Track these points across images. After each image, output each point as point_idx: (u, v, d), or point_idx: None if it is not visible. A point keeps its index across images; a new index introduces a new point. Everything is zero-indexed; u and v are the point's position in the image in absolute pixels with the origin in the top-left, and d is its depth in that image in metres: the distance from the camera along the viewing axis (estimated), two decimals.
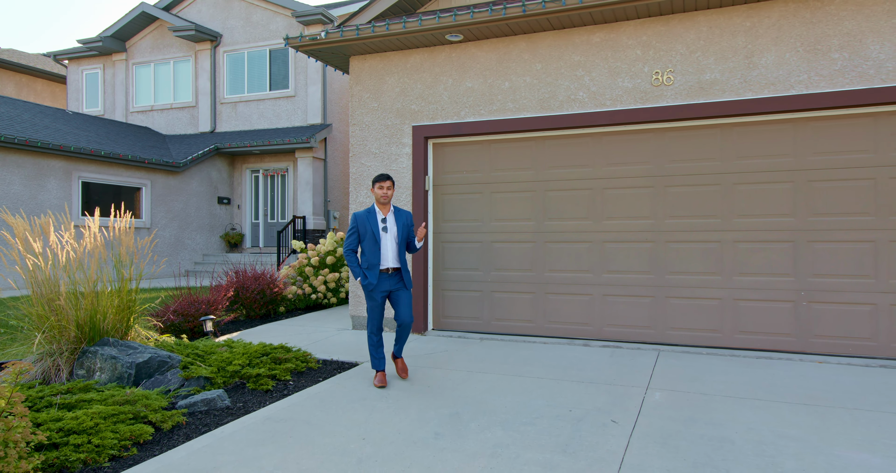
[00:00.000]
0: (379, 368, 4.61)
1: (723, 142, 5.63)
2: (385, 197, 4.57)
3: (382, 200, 4.58)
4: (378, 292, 4.55)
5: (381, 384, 4.52)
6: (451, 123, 6.52)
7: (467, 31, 6.18)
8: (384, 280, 4.57)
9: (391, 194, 4.60)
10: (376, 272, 4.51)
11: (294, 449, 3.40)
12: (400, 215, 4.67)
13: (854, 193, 5.20)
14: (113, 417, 3.60)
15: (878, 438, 3.46)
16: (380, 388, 4.49)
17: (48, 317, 4.51)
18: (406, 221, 4.68)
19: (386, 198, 4.58)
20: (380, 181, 4.61)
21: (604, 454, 3.29)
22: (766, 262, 5.47)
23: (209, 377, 4.59)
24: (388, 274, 4.58)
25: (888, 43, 4.98)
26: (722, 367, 5.08)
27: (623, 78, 5.84)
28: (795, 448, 3.33)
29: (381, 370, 4.61)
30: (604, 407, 4.07)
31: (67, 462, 3.15)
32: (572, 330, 6.16)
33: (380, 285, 4.54)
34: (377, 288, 4.53)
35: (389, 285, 4.58)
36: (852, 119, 5.20)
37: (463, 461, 3.21)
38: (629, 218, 5.95)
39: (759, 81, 5.37)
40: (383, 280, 4.56)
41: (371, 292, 4.56)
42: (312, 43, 6.56)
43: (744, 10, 5.41)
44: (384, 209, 4.63)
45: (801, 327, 5.36)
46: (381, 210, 4.62)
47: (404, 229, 4.64)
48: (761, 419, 3.80)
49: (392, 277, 4.59)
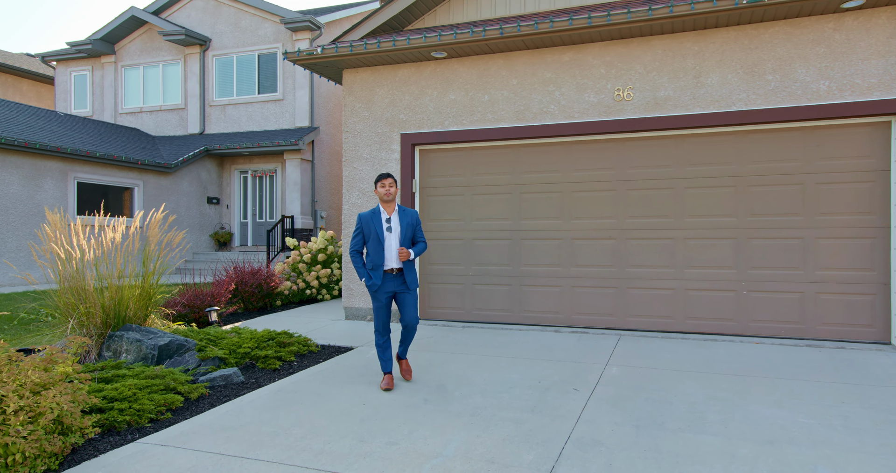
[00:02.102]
0: (386, 370, 4.55)
1: (675, 151, 6.39)
2: (388, 195, 4.48)
3: (385, 197, 4.49)
4: (382, 293, 4.49)
5: (387, 387, 4.46)
6: (436, 132, 7.18)
7: (451, 49, 6.85)
8: (389, 281, 4.49)
9: (394, 192, 4.50)
10: (380, 273, 4.46)
11: (305, 412, 4.04)
12: (405, 214, 4.57)
13: (786, 196, 6.00)
14: (147, 388, 4.19)
15: (789, 399, 4.21)
16: (385, 391, 4.43)
17: (77, 305, 5.06)
18: (411, 220, 4.57)
19: (389, 196, 4.49)
20: (381, 180, 4.52)
21: (565, 413, 3.98)
22: (712, 256, 6.24)
23: (223, 358, 5.19)
24: (393, 275, 4.50)
25: (813, 68, 5.78)
26: (672, 347, 5.83)
27: (589, 93, 6.57)
28: (721, 406, 4.07)
29: (388, 372, 4.55)
30: (568, 379, 4.78)
31: (115, 422, 3.73)
32: (544, 318, 6.87)
33: (384, 285, 4.47)
34: (381, 289, 4.47)
35: (394, 286, 4.50)
36: (784, 132, 6.00)
37: (448, 419, 3.87)
38: (594, 218, 6.68)
39: (705, 98, 6.13)
40: (388, 281, 4.49)
41: (375, 293, 4.49)
42: (309, 58, 7.18)
43: (692, 36, 6.18)
44: (388, 209, 4.53)
45: (742, 313, 6.14)
46: (385, 210, 4.53)
47: (409, 229, 4.54)
48: (698, 386, 4.54)
49: (397, 277, 4.51)
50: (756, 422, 3.75)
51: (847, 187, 5.80)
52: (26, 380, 3.16)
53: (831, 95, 5.71)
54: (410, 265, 4.56)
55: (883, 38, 5.56)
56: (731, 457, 3.21)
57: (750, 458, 3.20)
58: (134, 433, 3.70)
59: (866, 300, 5.74)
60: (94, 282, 5.27)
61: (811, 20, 5.76)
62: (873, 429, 3.60)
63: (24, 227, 11.32)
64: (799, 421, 3.75)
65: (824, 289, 5.87)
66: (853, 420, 3.75)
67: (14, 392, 3.04)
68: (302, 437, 3.57)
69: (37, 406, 3.07)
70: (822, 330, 5.88)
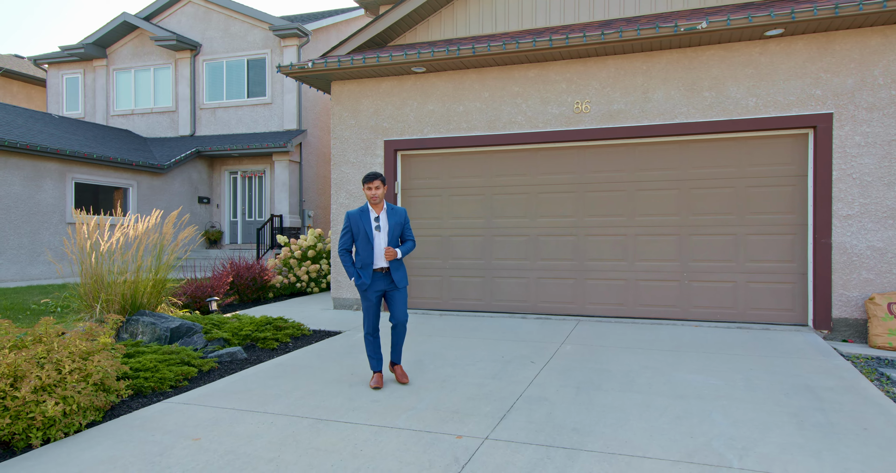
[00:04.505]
0: (375, 369, 4.55)
1: (628, 158, 7.22)
2: (375, 198, 4.44)
3: (372, 200, 4.46)
4: (372, 292, 4.46)
5: (376, 386, 4.44)
6: (416, 139, 7.95)
7: (429, 65, 7.62)
8: (378, 280, 4.47)
9: (380, 194, 4.44)
10: (370, 272, 4.43)
11: (302, 380, 4.78)
12: (393, 213, 4.54)
13: (721, 198, 6.86)
14: (165, 361, 4.90)
15: (708, 367, 5.05)
16: (374, 390, 4.42)
17: (99, 294, 5.75)
18: (399, 219, 4.52)
19: (376, 199, 4.44)
20: (368, 182, 4.44)
21: (520, 379, 4.78)
22: (658, 251, 7.09)
23: (227, 339, 5.90)
24: (383, 273, 4.48)
25: (743, 86, 6.65)
26: (622, 330, 6.67)
27: (552, 106, 7.38)
28: (650, 373, 4.89)
29: (377, 371, 4.54)
30: (528, 355, 5.57)
31: (142, 387, 4.44)
32: (513, 306, 7.67)
33: (374, 284, 4.45)
34: (371, 288, 4.45)
35: (384, 285, 4.48)
36: (720, 142, 6.87)
37: (422, 384, 4.64)
38: (557, 217, 7.50)
39: (652, 111, 6.98)
40: (377, 280, 4.46)
41: (365, 292, 4.47)
42: (301, 71, 7.90)
43: (641, 57, 7.01)
44: (377, 208, 4.50)
45: (684, 300, 6.99)
46: (374, 209, 4.49)
47: (397, 228, 4.50)
48: (636, 359, 5.36)
49: (385, 276, 4.49)
50: (675, 384, 4.57)
51: (772, 190, 6.68)
52: (75, 349, 3.87)
53: (758, 110, 6.58)
54: (399, 264, 4.52)
55: (800, 61, 6.44)
56: (647, 407, 4.02)
57: (661, 407, 4.01)
58: (158, 396, 4.42)
59: (788, 288, 6.63)
60: (108, 275, 5.96)
61: (741, 45, 6.63)
62: (766, 388, 4.44)
63: (25, 225, 11.86)
64: (710, 383, 4.59)
65: (753, 279, 6.75)
66: (753, 382, 4.60)
67: (67, 357, 3.75)
68: (301, 397, 4.32)
69: (85, 368, 3.78)
70: (751, 314, 6.76)
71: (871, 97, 6.19)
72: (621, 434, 3.54)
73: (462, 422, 3.75)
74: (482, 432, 3.59)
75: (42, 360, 3.72)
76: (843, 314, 6.28)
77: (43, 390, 3.54)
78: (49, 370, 3.58)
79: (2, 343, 3.74)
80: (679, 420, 3.75)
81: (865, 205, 6.21)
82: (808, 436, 3.48)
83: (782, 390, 4.39)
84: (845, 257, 6.28)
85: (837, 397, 4.22)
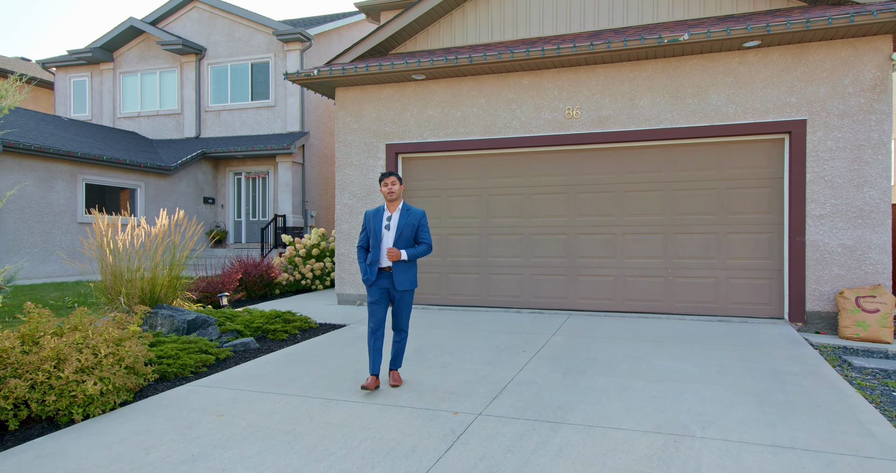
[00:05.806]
0: (372, 371, 4.46)
1: (616, 161, 7.65)
2: (391, 194, 4.45)
3: (389, 197, 4.48)
4: (376, 289, 4.49)
5: (365, 387, 4.33)
6: (416, 143, 8.37)
7: (428, 73, 8.04)
8: (382, 278, 4.49)
9: (396, 190, 4.45)
10: (375, 270, 4.47)
11: (311, 366, 5.20)
12: (407, 214, 4.50)
13: (703, 198, 7.29)
14: (185, 350, 5.31)
15: (686, 356, 5.47)
16: (363, 390, 4.33)
17: (121, 288, 6.16)
18: (412, 220, 4.48)
19: (392, 194, 4.46)
20: (384, 178, 4.51)
21: (512, 365, 5.20)
22: (645, 248, 7.51)
23: (239, 331, 6.32)
24: (388, 273, 4.49)
25: (723, 94, 7.07)
26: (610, 323, 7.09)
27: (545, 111, 7.80)
28: (632, 361, 5.31)
29: (374, 373, 4.45)
30: (520, 345, 5.99)
31: (165, 372, 4.86)
32: (508, 301, 8.09)
33: (378, 282, 4.48)
34: (375, 285, 4.49)
35: (387, 285, 4.49)
36: (702, 146, 7.29)
37: (423, 370, 5.06)
38: (549, 216, 7.92)
39: (639, 117, 7.40)
40: (381, 278, 4.49)
41: (370, 289, 4.53)
42: (307, 78, 8.32)
43: (628, 66, 7.44)
44: (391, 207, 4.52)
45: (669, 295, 7.42)
46: (388, 208, 4.53)
47: (408, 229, 4.46)
48: (620, 349, 5.78)
49: (388, 277, 4.49)
50: (654, 370, 4.99)
51: (751, 192, 7.10)
52: (108, 336, 4.28)
53: (738, 116, 7.00)
54: (405, 266, 4.46)
55: (777, 71, 6.86)
56: (626, 389, 4.45)
57: (639, 389, 4.43)
58: (181, 380, 4.83)
59: (765, 283, 7.05)
60: (127, 272, 6.37)
61: (722, 55, 7.05)
62: (737, 373, 4.86)
63: (39, 225, 12.27)
64: (686, 369, 5.01)
65: (733, 275, 7.17)
66: (725, 368, 5.02)
67: (102, 343, 4.17)
68: (312, 381, 4.74)
69: (118, 353, 4.19)
70: (732, 308, 7.18)
71: (841, 105, 6.62)
72: (601, 410, 3.96)
73: (458, 401, 4.17)
74: (476, 409, 4.01)
75: (80, 345, 4.14)
76: (815, 308, 6.70)
77: (82, 371, 3.96)
78: (87, 354, 4.00)
79: (44, 330, 4.16)
80: (653, 400, 4.17)
81: (837, 206, 6.63)
82: (767, 412, 3.91)
83: (751, 374, 4.81)
84: (818, 255, 6.70)
85: (799, 380, 4.64)
